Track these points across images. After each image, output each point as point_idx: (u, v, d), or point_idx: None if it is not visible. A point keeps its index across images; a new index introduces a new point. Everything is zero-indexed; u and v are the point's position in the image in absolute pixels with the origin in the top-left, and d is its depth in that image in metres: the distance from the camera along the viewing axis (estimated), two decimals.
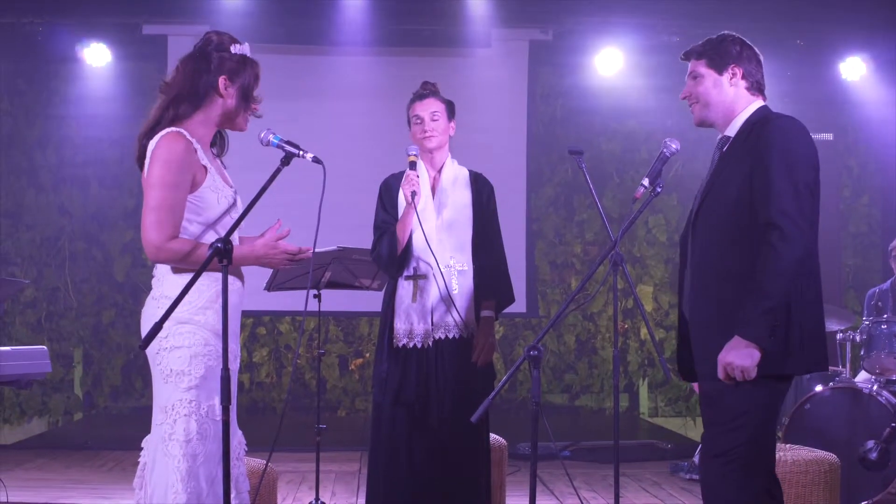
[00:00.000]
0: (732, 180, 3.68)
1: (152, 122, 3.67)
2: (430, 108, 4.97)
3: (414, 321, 4.88)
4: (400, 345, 4.90)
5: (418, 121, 4.98)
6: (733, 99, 3.81)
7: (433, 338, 4.87)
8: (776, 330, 3.50)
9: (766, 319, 3.48)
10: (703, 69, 3.84)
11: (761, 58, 3.88)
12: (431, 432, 4.83)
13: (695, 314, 3.79)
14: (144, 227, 3.54)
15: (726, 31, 3.91)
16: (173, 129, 3.61)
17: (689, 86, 3.90)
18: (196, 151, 3.62)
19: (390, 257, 4.89)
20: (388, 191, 5.07)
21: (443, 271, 4.85)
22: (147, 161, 3.60)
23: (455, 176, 5.04)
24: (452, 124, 5.05)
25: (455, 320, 4.87)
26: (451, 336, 4.88)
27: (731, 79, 3.81)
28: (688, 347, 3.86)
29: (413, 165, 4.87)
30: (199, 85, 3.68)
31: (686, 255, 3.89)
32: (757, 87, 3.84)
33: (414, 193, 4.78)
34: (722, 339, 3.56)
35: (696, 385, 3.96)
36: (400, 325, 4.90)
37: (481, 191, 5.06)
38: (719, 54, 3.82)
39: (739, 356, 3.50)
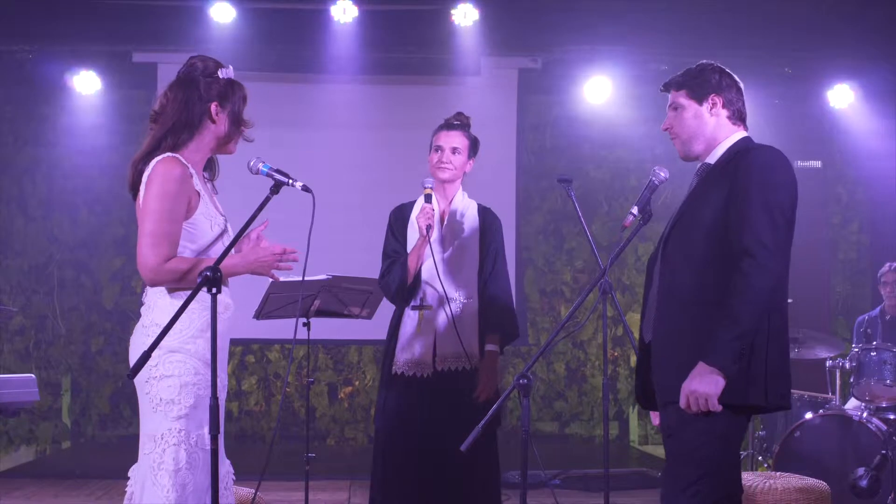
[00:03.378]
0: (707, 206, 3.66)
1: (148, 149, 3.66)
2: (453, 142, 4.98)
3: (417, 351, 4.87)
4: (399, 372, 4.89)
5: (438, 150, 4.98)
6: (714, 128, 3.80)
7: (435, 368, 4.86)
8: (742, 358, 3.45)
9: (732, 347, 3.43)
10: (683, 100, 3.84)
11: (741, 85, 3.87)
12: (434, 462, 4.80)
13: (658, 340, 3.74)
14: (140, 251, 3.52)
15: (705, 61, 3.90)
16: (169, 154, 3.61)
17: (670, 117, 3.89)
18: (192, 177, 3.62)
19: (399, 287, 4.90)
20: (399, 220, 5.08)
21: (449, 303, 4.85)
22: (142, 187, 3.59)
23: (464, 209, 5.05)
24: (471, 162, 5.06)
25: (459, 352, 4.85)
26: (453, 368, 4.87)
27: (711, 108, 3.80)
28: (646, 374, 3.82)
29: (429, 198, 4.86)
30: (194, 113, 3.69)
31: (652, 278, 3.86)
32: (738, 116, 3.83)
33: (429, 227, 4.79)
34: (686, 367, 3.51)
35: (654, 415, 3.91)
36: (402, 355, 4.89)
37: (489, 225, 5.07)
38: (699, 84, 3.82)
39: (703, 383, 3.45)
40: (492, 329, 4.96)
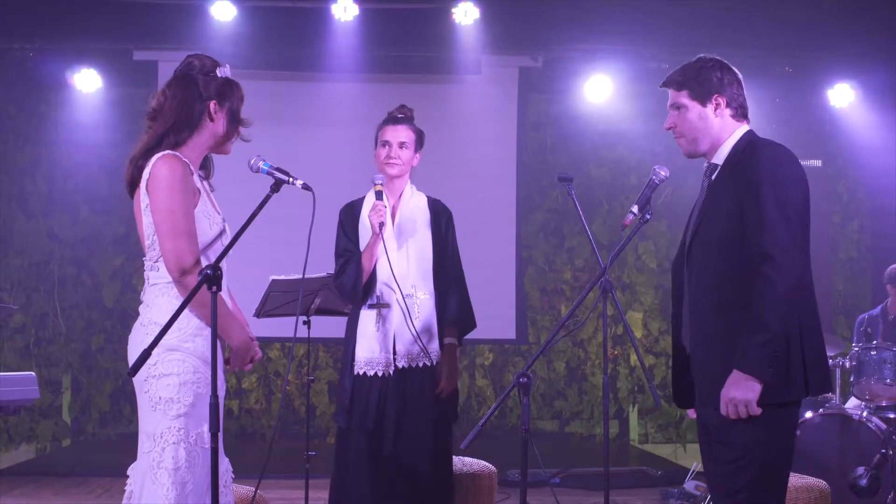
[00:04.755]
0: (723, 211, 3.64)
1: (148, 146, 3.65)
2: (400, 136, 4.98)
3: (376, 350, 4.86)
4: (360, 372, 4.87)
5: (385, 145, 4.97)
6: (720, 128, 3.76)
7: (395, 366, 4.85)
8: (775, 361, 3.45)
9: (763, 351, 3.43)
10: (686, 100, 3.79)
11: (741, 77, 3.83)
12: (395, 460, 4.81)
13: (696, 348, 3.74)
14: (178, 253, 3.49)
15: (703, 56, 3.85)
16: (169, 152, 3.60)
17: (673, 116, 3.85)
18: (192, 175, 3.61)
19: (354, 287, 4.88)
20: (350, 217, 5.06)
21: (405, 300, 4.84)
22: (144, 185, 3.58)
23: (414, 204, 5.04)
24: (418, 155, 5.05)
25: (418, 349, 4.85)
26: (413, 365, 4.87)
27: (715, 109, 3.76)
28: (684, 376, 3.81)
29: (380, 195, 4.85)
30: (193, 110, 3.68)
31: (681, 286, 3.85)
32: (741, 112, 3.80)
33: (382, 224, 4.77)
34: (723, 373, 3.52)
35: (690, 411, 3.92)
36: (361, 354, 4.88)
37: (440, 217, 5.04)
38: (700, 84, 3.76)
39: (740, 390, 3.46)
40: (450, 322, 4.97)
